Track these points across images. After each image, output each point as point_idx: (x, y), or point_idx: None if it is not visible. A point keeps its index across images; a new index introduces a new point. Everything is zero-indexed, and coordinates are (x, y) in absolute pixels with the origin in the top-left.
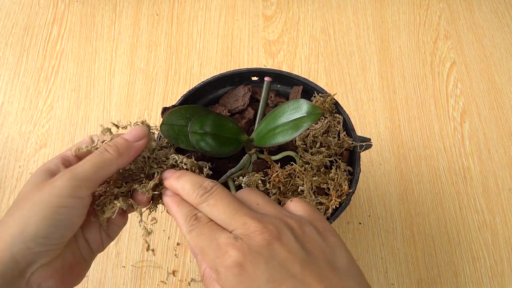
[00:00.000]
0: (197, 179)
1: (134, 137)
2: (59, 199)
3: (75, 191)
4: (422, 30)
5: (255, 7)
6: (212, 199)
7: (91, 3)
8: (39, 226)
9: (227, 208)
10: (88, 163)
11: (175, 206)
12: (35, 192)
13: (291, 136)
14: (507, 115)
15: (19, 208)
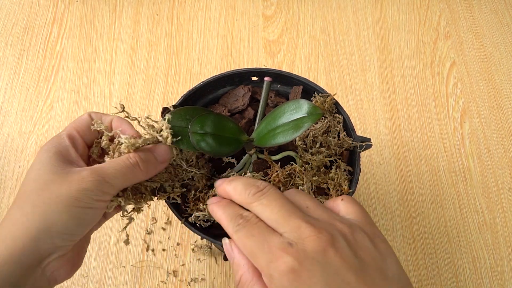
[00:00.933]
0: (250, 180)
1: (162, 158)
2: (89, 201)
3: (103, 196)
4: (422, 30)
5: (255, 7)
6: (265, 198)
7: (91, 3)
8: (67, 224)
9: (281, 209)
10: (119, 173)
11: (221, 209)
12: (61, 184)
13: (291, 136)
14: (507, 115)
15: (41, 201)
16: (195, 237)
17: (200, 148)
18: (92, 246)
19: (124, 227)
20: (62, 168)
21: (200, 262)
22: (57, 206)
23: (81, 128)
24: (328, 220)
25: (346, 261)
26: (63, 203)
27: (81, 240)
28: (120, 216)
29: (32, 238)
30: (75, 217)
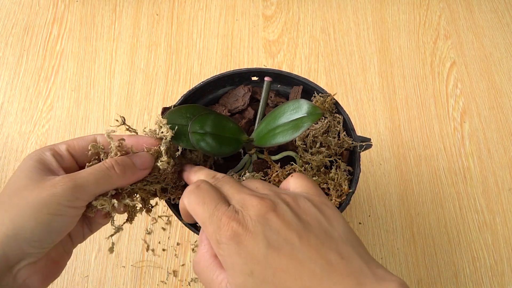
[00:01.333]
0: (211, 172)
1: (142, 165)
2: (58, 207)
3: (74, 202)
4: (422, 30)
5: (255, 7)
6: (221, 181)
7: (91, 3)
8: (34, 230)
9: (232, 186)
10: (92, 176)
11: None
12: (32, 190)
13: (291, 136)
14: (507, 115)
15: (12, 205)
16: (195, 237)
17: (200, 147)
18: (92, 246)
19: (111, 234)
20: (40, 175)
21: None
22: (25, 212)
23: (76, 145)
24: (274, 194)
25: (288, 223)
26: (31, 209)
27: (59, 252)
28: (111, 225)
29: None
30: (43, 224)
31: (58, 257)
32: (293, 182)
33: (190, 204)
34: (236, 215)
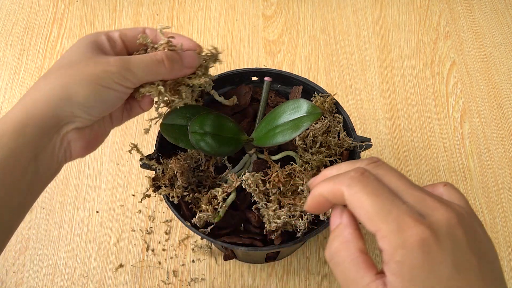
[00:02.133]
0: (354, 161)
1: (188, 63)
2: (111, 82)
3: (125, 82)
4: (422, 30)
5: (255, 7)
6: (381, 168)
7: (91, 3)
8: (87, 98)
9: (401, 178)
10: (142, 64)
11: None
12: (87, 65)
13: (291, 136)
14: (507, 115)
15: (67, 74)
16: (195, 237)
17: (200, 147)
18: (92, 246)
19: (152, 118)
20: (94, 54)
21: (200, 262)
22: (80, 81)
23: (128, 33)
24: (444, 200)
25: (471, 242)
26: (87, 79)
27: (100, 127)
28: (155, 106)
29: (53, 104)
30: (95, 93)
31: (99, 132)
32: (447, 192)
33: (355, 193)
34: (424, 220)
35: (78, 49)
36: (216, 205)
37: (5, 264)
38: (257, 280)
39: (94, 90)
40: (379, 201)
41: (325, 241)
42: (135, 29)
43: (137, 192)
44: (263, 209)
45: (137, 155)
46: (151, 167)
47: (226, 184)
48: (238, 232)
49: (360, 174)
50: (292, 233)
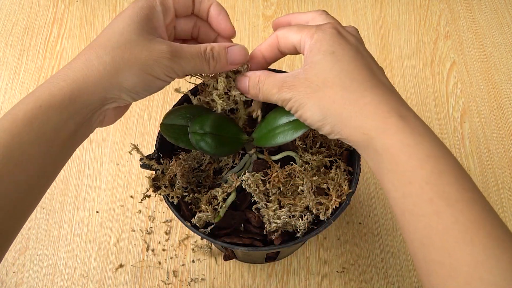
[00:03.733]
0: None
1: (234, 61)
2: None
3: (172, 73)
4: (422, 30)
5: (255, 7)
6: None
7: (91, 3)
8: (136, 85)
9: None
10: (192, 61)
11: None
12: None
13: (291, 136)
14: (507, 115)
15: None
16: (195, 237)
17: (200, 147)
18: (92, 246)
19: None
20: (147, 33)
21: (200, 262)
22: (133, 68)
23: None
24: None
25: (354, 37)
26: (139, 67)
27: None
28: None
29: (103, 86)
30: (144, 82)
31: (124, 107)
32: (320, 19)
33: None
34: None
35: (133, 23)
36: (216, 205)
37: (5, 264)
38: (257, 280)
39: (143, 79)
40: (294, 29)
41: (325, 241)
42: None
43: (137, 193)
44: (263, 209)
45: (137, 155)
46: (151, 167)
47: (226, 184)
48: (238, 232)
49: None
50: (292, 233)
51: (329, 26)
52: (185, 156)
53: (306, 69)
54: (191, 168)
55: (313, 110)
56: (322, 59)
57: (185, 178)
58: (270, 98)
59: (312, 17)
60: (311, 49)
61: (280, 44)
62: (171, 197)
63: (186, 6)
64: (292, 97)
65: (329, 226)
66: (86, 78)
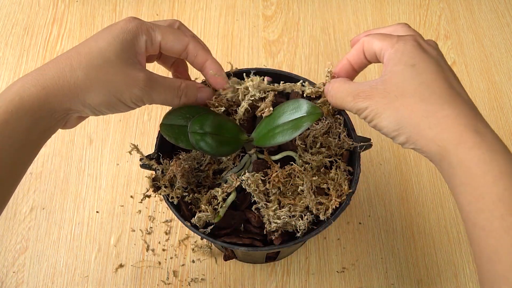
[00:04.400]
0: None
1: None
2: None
3: (140, 103)
4: (422, 30)
5: (255, 7)
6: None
7: (91, 3)
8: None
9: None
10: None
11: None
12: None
13: (290, 136)
14: (507, 115)
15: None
16: (195, 237)
17: (199, 148)
18: (92, 246)
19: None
20: (127, 57)
21: (200, 262)
22: (102, 89)
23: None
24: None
25: (434, 50)
26: (109, 89)
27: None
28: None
29: (70, 100)
30: (110, 104)
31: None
32: (406, 32)
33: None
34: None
35: (117, 45)
36: (216, 205)
37: (5, 264)
38: (257, 280)
39: (110, 101)
40: (382, 36)
41: (325, 241)
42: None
43: (137, 193)
44: (263, 209)
45: (137, 155)
46: (151, 167)
47: (226, 184)
48: (238, 232)
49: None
50: (292, 233)
51: (411, 38)
52: (185, 156)
53: (385, 79)
54: (191, 168)
55: (390, 120)
56: (403, 70)
57: (185, 178)
58: (344, 105)
59: (394, 29)
60: (391, 58)
61: (365, 50)
62: (171, 197)
63: (175, 50)
64: (368, 107)
65: (329, 226)
66: (55, 87)
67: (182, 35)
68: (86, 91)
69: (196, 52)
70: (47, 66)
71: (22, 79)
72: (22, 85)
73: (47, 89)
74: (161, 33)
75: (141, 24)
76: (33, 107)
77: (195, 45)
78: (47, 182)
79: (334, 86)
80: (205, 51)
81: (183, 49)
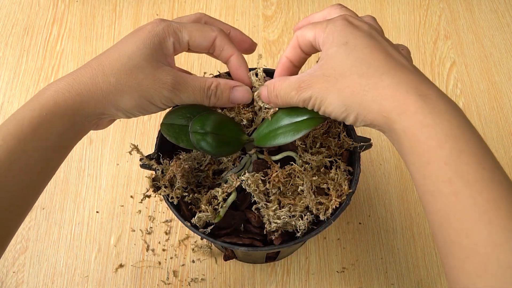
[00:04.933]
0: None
1: (236, 100)
2: (158, 102)
3: (170, 104)
4: (422, 30)
5: (255, 7)
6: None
7: (91, 3)
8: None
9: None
10: (192, 96)
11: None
12: (146, 77)
13: (292, 137)
14: (507, 115)
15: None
16: (195, 237)
17: (200, 147)
18: (92, 246)
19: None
20: (155, 60)
21: (200, 262)
22: (134, 93)
23: (197, 42)
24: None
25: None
26: (140, 93)
27: None
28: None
29: (104, 104)
30: (142, 106)
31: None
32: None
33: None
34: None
35: (145, 49)
36: (216, 205)
37: (5, 264)
38: (257, 280)
39: (141, 103)
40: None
41: (325, 241)
42: (205, 36)
43: (137, 193)
44: (263, 209)
45: (137, 155)
46: (151, 167)
47: (226, 184)
48: (238, 232)
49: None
50: (292, 233)
51: (340, 17)
52: (185, 156)
53: (322, 64)
54: (191, 168)
55: (335, 103)
56: (336, 52)
57: (185, 178)
58: (290, 101)
59: (328, 12)
60: (325, 42)
61: (300, 43)
62: (170, 197)
63: (202, 47)
64: (312, 95)
65: (329, 226)
66: (89, 93)
67: (209, 31)
68: (118, 96)
69: (222, 46)
70: (80, 72)
71: (56, 83)
72: (56, 90)
73: (81, 95)
74: (188, 33)
75: (168, 26)
76: (67, 112)
77: (222, 39)
78: None
79: (276, 86)
80: (231, 46)
81: (210, 45)
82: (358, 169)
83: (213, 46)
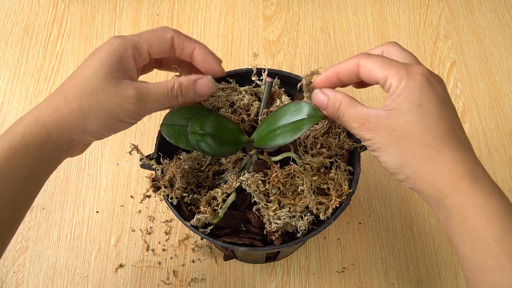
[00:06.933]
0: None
1: (202, 92)
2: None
3: (138, 116)
4: (422, 30)
5: (255, 7)
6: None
7: (91, 3)
8: (100, 129)
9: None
10: (159, 102)
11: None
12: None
13: (291, 138)
14: (507, 115)
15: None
16: (195, 237)
17: (200, 148)
18: (92, 246)
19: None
20: (115, 76)
21: (200, 262)
22: (98, 114)
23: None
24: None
25: (448, 96)
26: (104, 113)
27: None
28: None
29: (71, 132)
30: (109, 126)
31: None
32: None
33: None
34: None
35: (103, 68)
36: (216, 206)
37: (5, 264)
38: (257, 280)
39: (108, 123)
40: (383, 60)
41: (325, 241)
42: (162, 38)
43: (137, 193)
44: (263, 209)
45: (137, 155)
46: (151, 167)
47: (225, 184)
48: (238, 232)
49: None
50: (292, 233)
51: (420, 73)
52: (186, 157)
53: (391, 114)
54: (191, 168)
55: (392, 158)
56: (409, 111)
57: (185, 178)
58: (349, 129)
59: (386, 49)
60: (398, 94)
61: (361, 73)
62: (170, 197)
63: (163, 50)
64: (372, 139)
65: (329, 226)
66: (54, 122)
67: (164, 33)
68: (84, 120)
69: (181, 44)
70: (45, 103)
71: (23, 118)
72: (23, 125)
73: (47, 126)
74: (145, 41)
75: (123, 39)
76: (35, 144)
77: (179, 37)
78: (47, 182)
79: (342, 106)
80: (191, 41)
81: (170, 46)
82: (358, 169)
83: (173, 47)
